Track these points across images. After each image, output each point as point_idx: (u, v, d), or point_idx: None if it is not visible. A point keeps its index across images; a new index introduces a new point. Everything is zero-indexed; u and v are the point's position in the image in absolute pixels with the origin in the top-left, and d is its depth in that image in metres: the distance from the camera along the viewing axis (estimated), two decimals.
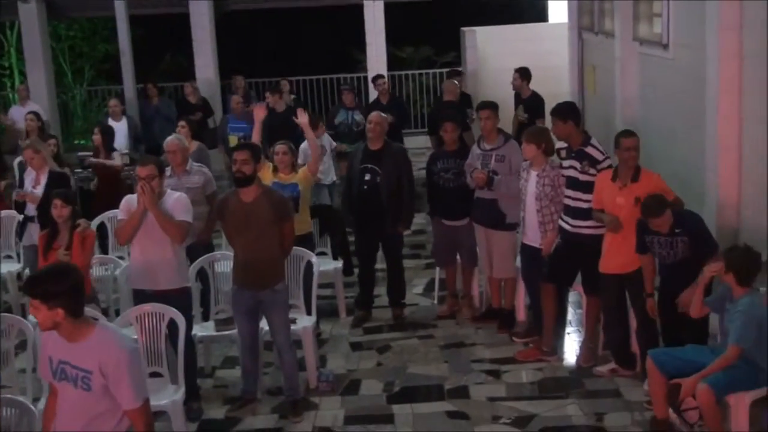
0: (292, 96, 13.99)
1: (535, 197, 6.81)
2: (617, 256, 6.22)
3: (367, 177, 7.62)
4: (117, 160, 9.38)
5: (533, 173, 6.85)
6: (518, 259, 7.46)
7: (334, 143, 10.19)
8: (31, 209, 7.90)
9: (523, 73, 10.89)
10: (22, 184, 8.17)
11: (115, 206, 6.34)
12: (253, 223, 6.00)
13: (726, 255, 5.47)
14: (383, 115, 8.07)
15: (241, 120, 11.00)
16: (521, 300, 7.64)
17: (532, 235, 6.93)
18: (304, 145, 8.66)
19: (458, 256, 7.94)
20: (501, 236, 7.40)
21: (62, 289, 3.81)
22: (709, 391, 5.18)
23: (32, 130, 10.27)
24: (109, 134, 9.75)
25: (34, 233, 7.59)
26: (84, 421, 3.91)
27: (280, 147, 7.45)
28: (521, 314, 7.66)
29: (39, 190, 7.80)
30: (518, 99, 11.07)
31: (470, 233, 7.70)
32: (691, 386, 5.27)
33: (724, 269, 5.40)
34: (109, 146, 9.57)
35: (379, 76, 12.04)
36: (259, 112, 7.70)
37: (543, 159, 6.80)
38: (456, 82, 11.34)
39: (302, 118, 7.64)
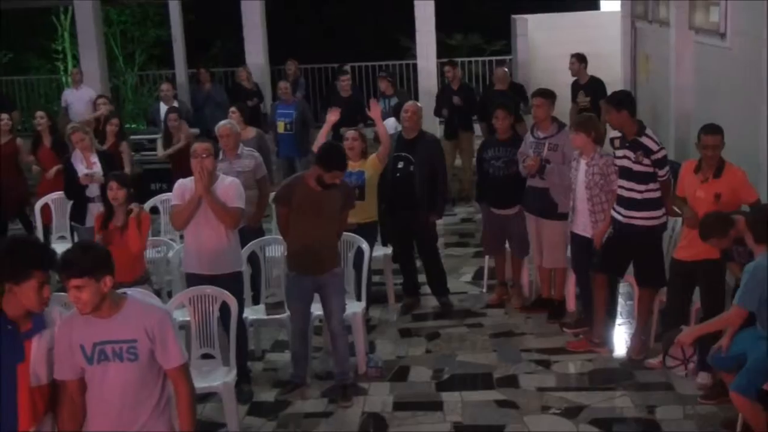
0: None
1: (585, 186, 6.75)
2: (693, 245, 6.04)
3: (400, 165, 7.66)
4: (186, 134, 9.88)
5: (582, 162, 6.79)
6: (569, 248, 7.43)
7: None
8: (93, 190, 8.00)
9: (581, 58, 10.91)
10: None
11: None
12: (322, 210, 6.08)
13: (746, 215, 5.44)
14: (419, 104, 8.09)
15: (288, 106, 11.06)
16: (572, 290, 7.59)
17: (583, 224, 6.88)
18: None
19: (507, 245, 7.92)
20: (552, 225, 7.35)
21: (102, 258, 3.88)
22: (737, 396, 5.14)
23: (105, 114, 10.45)
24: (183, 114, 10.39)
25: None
26: (132, 394, 3.95)
27: (350, 133, 7.47)
28: (571, 304, 7.61)
29: (98, 170, 7.91)
30: (577, 85, 11.02)
31: (520, 222, 7.67)
32: (686, 338, 5.65)
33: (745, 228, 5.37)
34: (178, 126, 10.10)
35: (449, 62, 12.03)
36: (332, 117, 7.70)
37: (592, 147, 6.74)
38: (506, 70, 11.32)
39: (375, 111, 7.70)
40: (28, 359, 3.88)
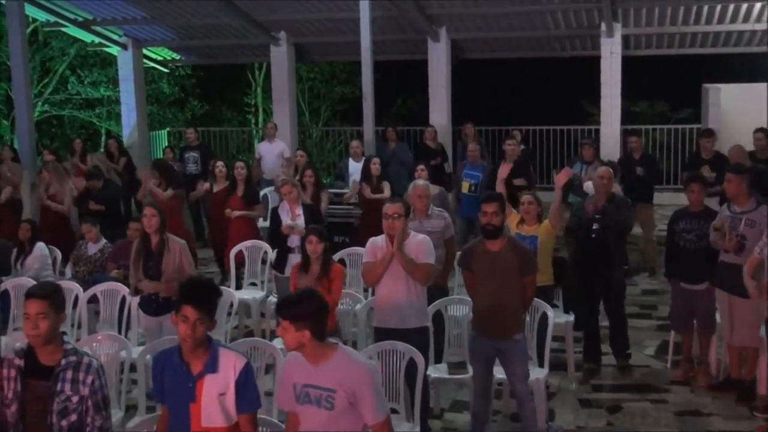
0: (521, 147, 14.06)
1: None
2: None
3: (596, 227, 7.70)
4: (387, 191, 10.06)
5: None
6: (763, 328, 7.14)
7: None
8: (294, 240, 8.24)
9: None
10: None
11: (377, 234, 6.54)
12: (498, 272, 6.09)
13: None
14: (611, 170, 8.14)
15: (475, 167, 11.22)
16: (764, 372, 7.25)
17: None
18: None
19: (695, 320, 7.70)
20: (746, 303, 7.06)
21: (309, 311, 4.08)
22: None
23: (302, 166, 10.96)
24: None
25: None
26: None
27: (526, 197, 7.57)
28: (762, 387, 7.27)
29: (300, 222, 8.23)
30: (752, 158, 10.59)
31: (710, 298, 7.45)
32: None
33: None
34: (380, 176, 10.34)
35: (632, 132, 11.93)
36: (561, 178, 7.78)
37: None
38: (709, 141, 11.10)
39: (560, 178, 7.80)
40: (200, 399, 4.12)
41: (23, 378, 4.16)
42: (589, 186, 10.05)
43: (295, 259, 8.05)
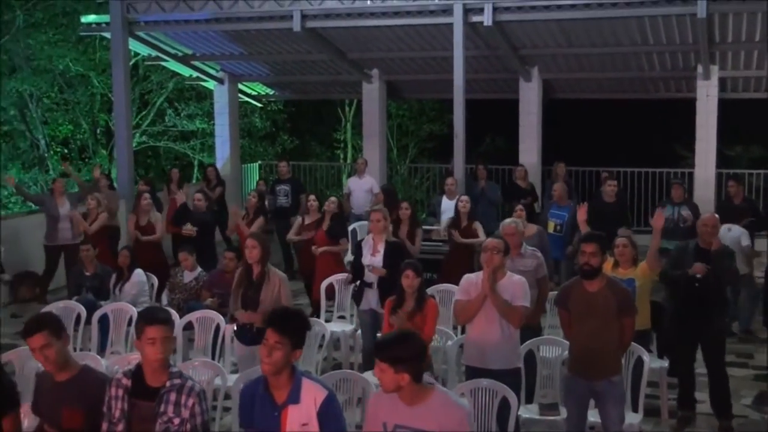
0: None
1: None
2: None
3: (699, 275, 7.47)
4: (480, 233, 10.04)
5: None
6: None
7: None
8: (369, 276, 8.18)
9: None
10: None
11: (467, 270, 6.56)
12: (596, 312, 6.02)
13: None
14: (717, 216, 7.94)
15: (562, 207, 11.14)
16: None
17: None
18: None
19: None
20: None
21: (409, 354, 4.05)
22: None
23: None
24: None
25: (372, 299, 8.03)
26: None
27: (620, 240, 7.46)
28: None
29: (378, 259, 8.19)
30: None
31: None
32: None
33: None
34: (471, 216, 10.34)
35: (732, 177, 11.72)
36: (658, 221, 7.55)
37: None
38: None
39: (658, 221, 7.59)
40: (284, 429, 4.13)
41: (130, 398, 4.28)
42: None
43: (371, 293, 8.07)
